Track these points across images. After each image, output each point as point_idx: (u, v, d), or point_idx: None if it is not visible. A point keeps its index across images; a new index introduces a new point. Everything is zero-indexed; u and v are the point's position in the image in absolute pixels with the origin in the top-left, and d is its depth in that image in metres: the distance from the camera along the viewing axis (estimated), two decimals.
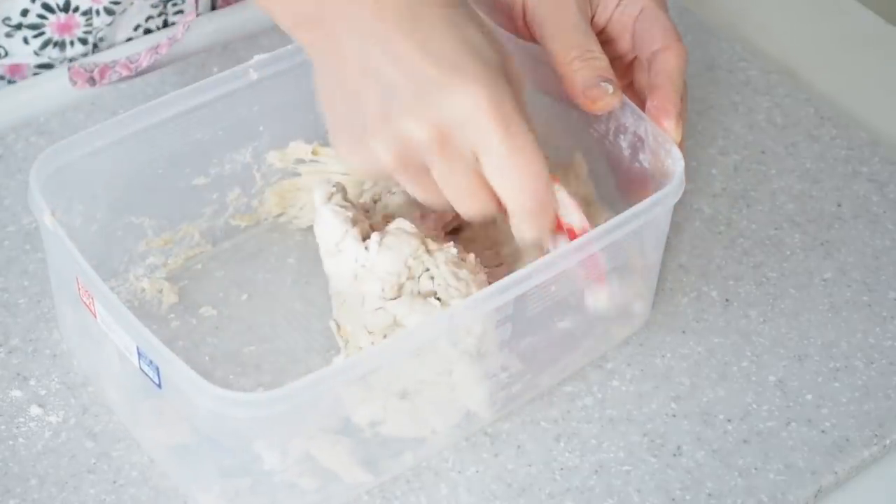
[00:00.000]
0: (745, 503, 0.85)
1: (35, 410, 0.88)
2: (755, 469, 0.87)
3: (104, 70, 1.06)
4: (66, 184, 0.86)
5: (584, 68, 0.87)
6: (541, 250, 0.85)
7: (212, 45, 1.10)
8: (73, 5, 1.06)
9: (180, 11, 1.12)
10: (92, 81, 1.06)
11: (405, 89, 0.78)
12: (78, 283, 0.82)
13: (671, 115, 0.88)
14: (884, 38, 1.17)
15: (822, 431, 0.89)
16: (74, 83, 1.06)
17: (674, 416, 0.89)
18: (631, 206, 0.85)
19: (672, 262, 0.98)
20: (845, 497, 0.88)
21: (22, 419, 0.87)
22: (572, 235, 0.84)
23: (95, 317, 0.81)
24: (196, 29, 1.10)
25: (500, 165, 0.79)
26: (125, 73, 1.07)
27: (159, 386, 0.78)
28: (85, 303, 0.82)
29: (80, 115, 1.04)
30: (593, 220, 0.86)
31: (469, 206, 0.81)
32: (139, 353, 0.78)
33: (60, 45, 1.09)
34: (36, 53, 1.08)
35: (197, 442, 0.81)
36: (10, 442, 0.86)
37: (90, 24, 1.08)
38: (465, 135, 0.78)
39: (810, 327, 0.95)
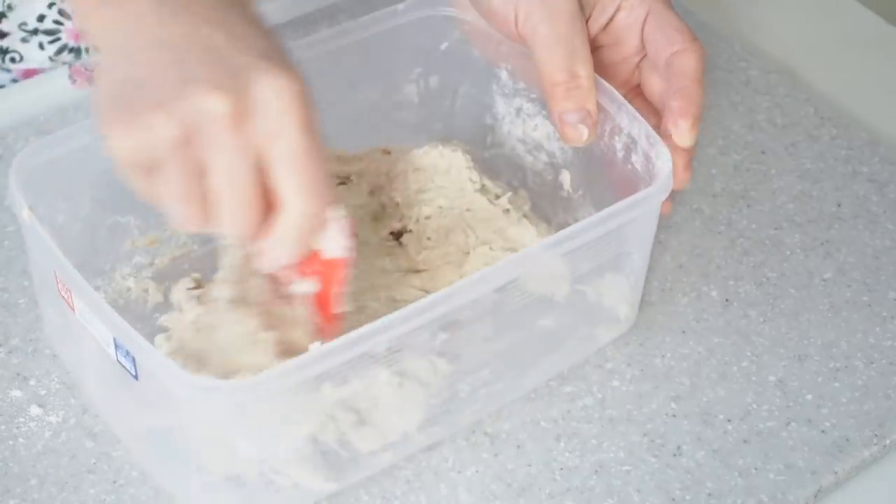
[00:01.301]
0: (745, 503, 0.85)
1: (35, 410, 0.88)
2: (755, 469, 0.87)
3: None
4: (51, 181, 0.85)
5: (566, 99, 0.87)
6: (278, 281, 0.81)
7: None
8: None
9: None
10: (92, 80, 1.06)
11: (207, 62, 0.73)
12: (56, 278, 0.81)
13: (689, 117, 0.87)
14: (884, 39, 1.17)
15: (822, 431, 0.89)
16: (74, 81, 1.06)
17: (674, 416, 0.89)
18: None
19: (672, 262, 0.98)
20: (845, 497, 0.88)
21: (22, 419, 0.87)
22: (327, 266, 0.80)
23: (73, 310, 0.81)
24: None
25: (294, 157, 0.74)
26: None
27: (136, 377, 0.78)
28: (63, 297, 0.81)
29: (81, 114, 1.04)
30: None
31: (240, 207, 0.74)
32: (116, 345, 0.78)
33: (76, 51, 1.09)
34: (51, 59, 1.08)
35: (174, 433, 0.81)
36: (10, 442, 0.86)
37: None
38: (265, 117, 0.73)
39: (810, 327, 0.95)
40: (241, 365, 0.81)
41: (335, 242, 0.79)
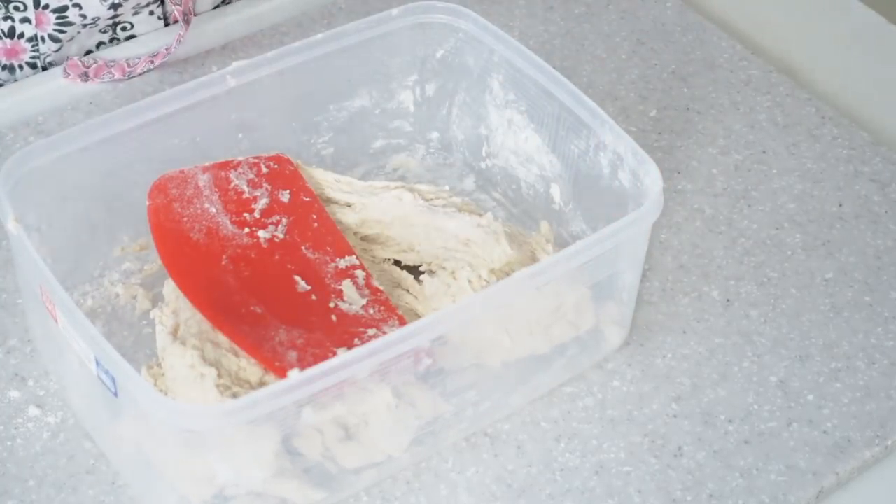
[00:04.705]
0: None
1: (33, 411, 0.88)
2: (756, 470, 0.87)
3: (100, 69, 1.06)
4: (41, 187, 0.85)
5: None
6: None
7: (211, 45, 1.10)
8: (17, 31, 1.06)
9: (132, 36, 1.11)
10: (85, 77, 1.07)
11: None
12: (41, 290, 0.81)
13: None
14: (886, 38, 1.17)
15: (824, 432, 0.89)
16: (67, 75, 1.06)
17: (675, 416, 0.89)
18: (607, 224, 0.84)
19: (673, 262, 0.98)
20: (847, 498, 0.88)
21: (20, 420, 0.87)
22: None
23: (57, 323, 0.81)
24: (196, 28, 1.10)
25: None
26: (118, 75, 1.07)
27: (115, 394, 0.78)
28: (48, 308, 0.81)
29: (79, 114, 1.04)
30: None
31: None
32: (97, 362, 0.78)
33: (10, 69, 1.09)
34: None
35: (152, 452, 0.80)
36: (9, 443, 0.86)
37: (36, 50, 1.08)
38: None
39: (812, 327, 0.94)
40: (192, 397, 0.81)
41: None
